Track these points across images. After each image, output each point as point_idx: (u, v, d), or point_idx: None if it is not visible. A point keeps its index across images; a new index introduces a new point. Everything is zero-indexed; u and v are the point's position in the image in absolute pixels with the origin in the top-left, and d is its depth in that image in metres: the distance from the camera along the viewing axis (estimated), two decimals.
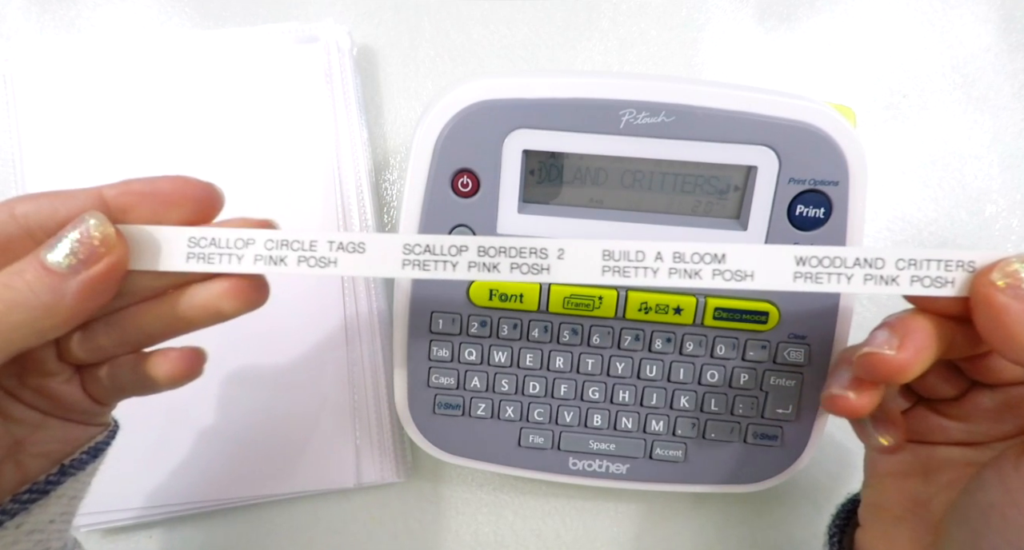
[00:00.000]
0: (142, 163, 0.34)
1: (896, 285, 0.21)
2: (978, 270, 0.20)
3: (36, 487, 0.21)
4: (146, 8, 0.38)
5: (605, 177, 0.27)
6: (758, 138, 0.26)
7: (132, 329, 0.21)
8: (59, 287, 0.18)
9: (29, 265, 0.18)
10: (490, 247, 0.21)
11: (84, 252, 0.18)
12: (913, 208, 0.37)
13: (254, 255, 0.21)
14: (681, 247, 0.21)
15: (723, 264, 0.21)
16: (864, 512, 0.25)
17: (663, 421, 0.29)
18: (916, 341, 0.20)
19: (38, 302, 0.18)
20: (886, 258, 0.21)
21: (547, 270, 0.21)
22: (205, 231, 0.21)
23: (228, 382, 0.34)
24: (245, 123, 0.35)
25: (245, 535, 0.35)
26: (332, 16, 0.38)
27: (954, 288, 0.21)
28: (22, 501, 0.20)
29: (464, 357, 0.29)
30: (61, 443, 0.22)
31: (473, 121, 0.26)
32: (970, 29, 0.37)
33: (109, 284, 0.19)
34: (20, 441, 0.21)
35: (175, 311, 0.21)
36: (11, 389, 0.21)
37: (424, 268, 0.21)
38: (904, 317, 0.21)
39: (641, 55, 0.38)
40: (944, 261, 0.21)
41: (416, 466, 0.35)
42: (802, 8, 0.38)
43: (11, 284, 0.18)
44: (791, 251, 0.21)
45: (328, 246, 0.21)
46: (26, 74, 0.35)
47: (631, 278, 0.21)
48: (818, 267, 0.21)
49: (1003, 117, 0.37)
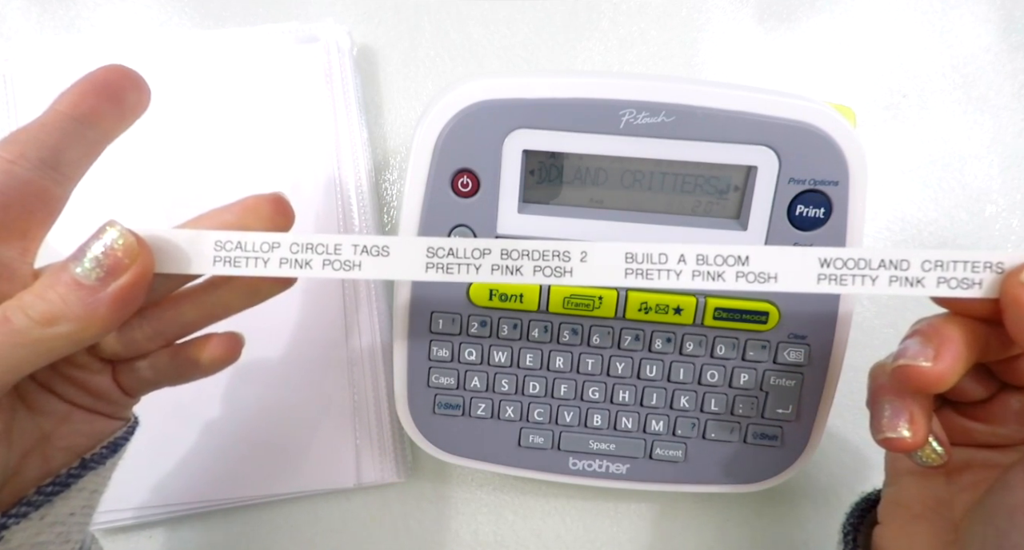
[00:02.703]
0: (142, 163, 0.34)
1: (922, 286, 0.21)
2: (1007, 271, 0.20)
3: (58, 480, 0.21)
4: (146, 8, 0.38)
5: (605, 177, 0.27)
6: (758, 138, 0.26)
7: (169, 321, 0.22)
8: (90, 300, 0.19)
9: (59, 279, 0.19)
10: (513, 250, 0.21)
11: (109, 263, 0.19)
12: (913, 208, 0.37)
13: (279, 258, 0.21)
14: (704, 249, 0.21)
15: (746, 266, 0.21)
16: (884, 509, 0.25)
17: (663, 421, 0.29)
18: (951, 350, 0.20)
19: (73, 314, 0.18)
20: (911, 260, 0.21)
21: (570, 273, 0.21)
22: (231, 235, 0.21)
23: (228, 382, 0.34)
24: (245, 123, 0.35)
25: (245, 535, 0.35)
26: (332, 16, 0.38)
27: (981, 290, 0.20)
28: (46, 493, 0.21)
29: (464, 357, 0.29)
30: (85, 437, 0.23)
31: (473, 121, 0.26)
32: (970, 29, 0.37)
33: (138, 292, 0.20)
34: (47, 435, 0.22)
35: (216, 299, 0.22)
36: (45, 380, 0.22)
37: (448, 271, 0.21)
38: (936, 324, 0.21)
39: (641, 55, 0.38)
40: (971, 263, 0.20)
41: (416, 466, 0.35)
42: (802, 8, 0.38)
43: (46, 297, 0.19)
44: (815, 252, 0.21)
45: (353, 249, 0.21)
46: (26, 74, 0.35)
47: (654, 281, 0.21)
48: (843, 269, 0.21)
49: (1003, 117, 0.37)
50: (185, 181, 0.34)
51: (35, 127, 0.20)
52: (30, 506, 0.20)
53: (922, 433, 0.21)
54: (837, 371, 0.28)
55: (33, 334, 0.18)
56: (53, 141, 0.20)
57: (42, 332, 0.18)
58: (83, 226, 0.23)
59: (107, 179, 0.24)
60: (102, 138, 0.21)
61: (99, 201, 0.24)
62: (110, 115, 0.21)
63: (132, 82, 0.21)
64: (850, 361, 0.28)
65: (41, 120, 0.20)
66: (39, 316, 0.18)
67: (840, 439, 0.30)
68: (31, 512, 0.20)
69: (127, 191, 0.34)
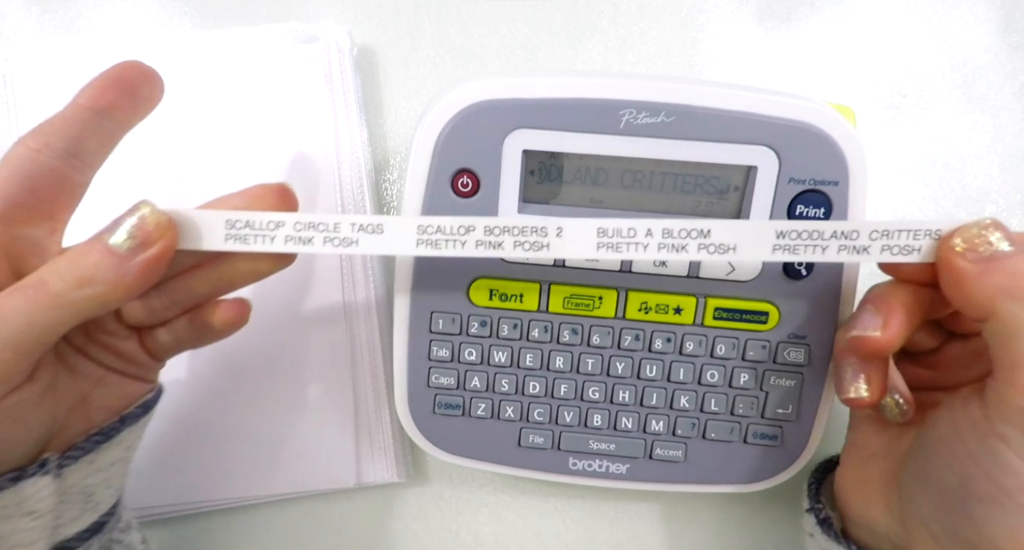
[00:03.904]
0: (142, 163, 0.34)
1: (867, 254, 0.23)
2: (941, 237, 0.22)
3: (102, 431, 0.25)
4: (146, 8, 0.38)
5: (605, 177, 0.27)
6: (758, 138, 0.26)
7: (182, 293, 0.25)
8: (121, 267, 0.21)
9: (93, 247, 0.21)
10: (495, 227, 0.24)
11: (141, 236, 0.21)
12: (913, 208, 0.37)
13: (284, 236, 0.23)
14: (669, 224, 0.23)
15: (708, 239, 0.23)
16: (844, 453, 0.28)
17: (663, 421, 0.29)
18: (897, 317, 0.23)
19: (103, 278, 0.21)
20: (861, 230, 0.23)
21: (547, 247, 0.24)
22: (240, 214, 0.23)
23: (227, 382, 0.34)
24: (245, 123, 0.35)
25: (245, 535, 0.35)
26: (332, 16, 0.38)
27: (920, 255, 0.22)
28: (93, 441, 0.24)
29: (464, 357, 0.29)
30: (119, 398, 0.26)
31: (473, 121, 0.26)
32: (970, 29, 0.37)
33: (162, 263, 0.22)
34: (86, 396, 0.25)
35: (221, 275, 0.25)
36: (80, 346, 0.25)
37: (436, 247, 0.23)
38: (884, 292, 0.24)
39: (641, 55, 0.38)
40: (913, 231, 0.22)
41: (416, 466, 0.35)
42: (802, 8, 0.38)
43: (79, 262, 0.21)
44: (773, 225, 0.23)
45: (350, 227, 0.23)
46: (26, 74, 0.35)
47: (623, 252, 0.23)
48: (796, 240, 0.23)
49: (1003, 117, 0.37)
50: (185, 181, 0.34)
51: (58, 120, 0.22)
52: (81, 450, 0.24)
53: (878, 391, 0.24)
54: None
55: (67, 297, 0.20)
56: (74, 132, 0.22)
57: (74, 294, 0.20)
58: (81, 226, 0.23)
59: (106, 180, 0.25)
60: (119, 129, 0.24)
61: (99, 201, 0.24)
62: (126, 108, 0.23)
63: (147, 77, 0.24)
64: None
65: (63, 113, 0.22)
66: (73, 279, 0.21)
67: (840, 439, 0.30)
68: (82, 456, 0.24)
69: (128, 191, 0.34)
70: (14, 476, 0.22)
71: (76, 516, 0.24)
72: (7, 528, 0.22)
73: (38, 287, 0.20)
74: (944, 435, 0.22)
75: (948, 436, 0.22)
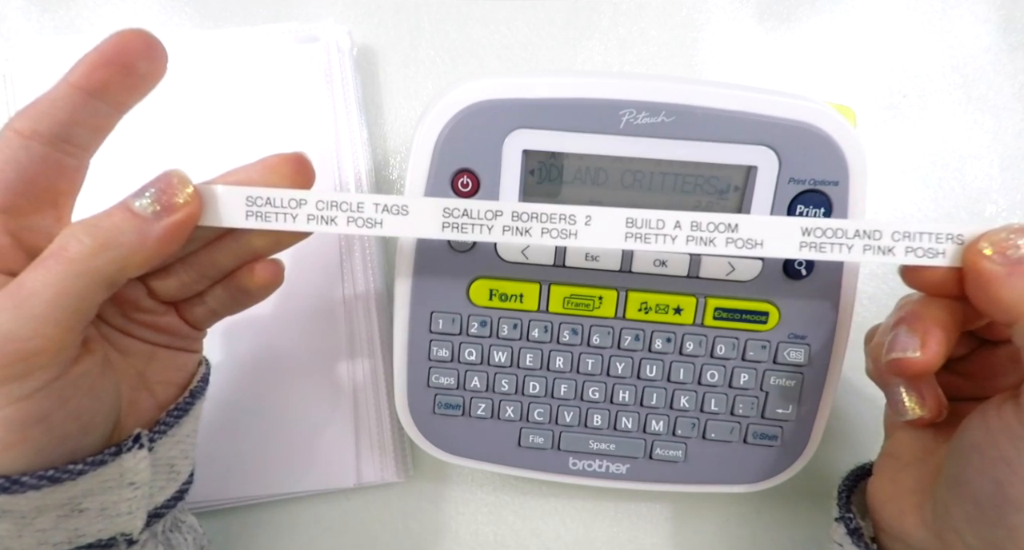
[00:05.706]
0: (142, 163, 0.34)
1: (892, 255, 0.23)
2: (967, 242, 0.22)
3: (180, 405, 0.26)
4: (146, 8, 0.38)
5: (605, 177, 0.27)
6: (758, 138, 0.26)
7: (208, 266, 0.25)
8: (143, 229, 0.21)
9: (117, 209, 0.21)
10: (523, 212, 0.23)
11: (166, 201, 0.21)
12: (913, 208, 0.37)
13: (307, 214, 0.23)
14: (698, 217, 0.23)
15: (736, 233, 0.23)
16: (878, 462, 0.27)
17: (663, 421, 0.29)
18: (935, 336, 0.22)
19: (124, 240, 0.21)
20: (883, 230, 0.22)
21: (575, 235, 0.23)
22: (261, 191, 0.23)
23: (227, 382, 0.34)
24: (245, 123, 0.35)
25: (245, 535, 0.35)
26: (332, 16, 0.38)
27: (946, 259, 0.22)
28: (174, 416, 0.25)
29: (464, 357, 0.29)
30: (174, 370, 0.27)
31: (473, 121, 0.26)
32: (970, 29, 0.37)
33: (184, 231, 0.22)
34: (142, 372, 0.25)
35: (243, 246, 0.25)
36: (121, 327, 0.25)
37: (462, 231, 0.23)
38: (917, 310, 0.23)
39: (641, 55, 0.38)
40: (935, 234, 0.22)
41: (416, 466, 0.35)
42: (802, 8, 0.38)
43: (100, 224, 0.21)
44: (798, 222, 0.23)
45: (374, 208, 0.23)
46: (26, 74, 0.35)
47: (652, 244, 0.23)
48: (822, 237, 0.23)
49: (1003, 117, 0.37)
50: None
51: (47, 102, 0.21)
52: (167, 425, 0.25)
53: (936, 407, 0.24)
54: (837, 371, 0.28)
55: (88, 263, 0.20)
56: (64, 116, 0.21)
57: (95, 259, 0.20)
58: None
59: (105, 180, 0.24)
60: (115, 110, 0.22)
61: (99, 201, 0.24)
62: (121, 87, 0.21)
63: (147, 49, 0.22)
64: (850, 361, 0.28)
65: (53, 94, 0.21)
66: (93, 241, 0.20)
67: (840, 439, 0.30)
68: (167, 430, 0.25)
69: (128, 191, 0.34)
70: (114, 450, 0.23)
71: (163, 485, 0.26)
72: (112, 498, 0.23)
73: (59, 254, 0.20)
74: (978, 440, 0.22)
75: (982, 441, 0.22)
